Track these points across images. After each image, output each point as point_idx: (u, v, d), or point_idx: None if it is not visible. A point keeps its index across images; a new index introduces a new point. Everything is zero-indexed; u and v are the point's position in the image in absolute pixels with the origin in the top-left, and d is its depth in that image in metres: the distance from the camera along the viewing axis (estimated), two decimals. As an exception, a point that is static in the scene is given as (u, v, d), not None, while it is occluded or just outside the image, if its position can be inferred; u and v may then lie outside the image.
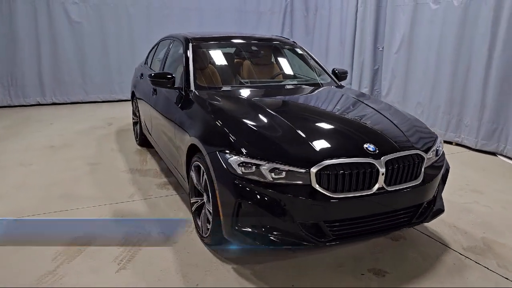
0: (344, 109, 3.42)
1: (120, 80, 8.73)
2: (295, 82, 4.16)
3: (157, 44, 5.25)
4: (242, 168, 2.53)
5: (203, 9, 9.24)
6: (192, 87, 3.59)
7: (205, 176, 2.84)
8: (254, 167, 2.52)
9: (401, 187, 2.66)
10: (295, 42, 4.68)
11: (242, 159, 2.54)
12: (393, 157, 2.64)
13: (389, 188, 2.61)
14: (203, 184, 2.93)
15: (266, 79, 4.15)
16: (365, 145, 2.66)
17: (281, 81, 4.15)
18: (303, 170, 2.48)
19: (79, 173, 4.48)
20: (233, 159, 2.57)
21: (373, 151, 2.62)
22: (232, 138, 2.71)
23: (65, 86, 8.34)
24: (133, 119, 5.78)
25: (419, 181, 2.74)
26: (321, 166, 2.48)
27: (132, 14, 8.62)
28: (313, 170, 2.47)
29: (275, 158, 2.52)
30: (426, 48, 6.21)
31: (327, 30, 8.69)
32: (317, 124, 2.96)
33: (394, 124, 3.04)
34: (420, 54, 6.35)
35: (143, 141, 5.36)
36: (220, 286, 2.57)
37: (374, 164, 2.56)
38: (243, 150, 2.58)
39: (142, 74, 5.15)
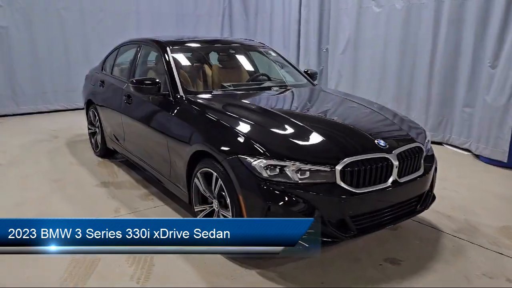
0: (342, 108, 3.53)
1: (54, 89, 8.10)
2: (278, 84, 4.13)
3: (116, 49, 4.97)
4: (268, 171, 2.53)
5: (140, 13, 8.91)
6: (181, 93, 3.48)
7: (219, 182, 2.78)
8: (278, 169, 2.53)
9: (409, 178, 2.84)
10: (264, 45, 4.75)
11: (267, 162, 2.54)
12: (402, 150, 2.81)
13: (401, 180, 2.77)
14: (216, 191, 2.85)
15: (246, 82, 4.13)
16: (376, 141, 2.79)
17: (264, 83, 4.12)
18: (328, 169, 2.54)
19: (46, 191, 4.09)
20: (257, 162, 2.55)
21: (384, 146, 2.76)
22: (252, 141, 2.69)
23: (-8, 98, 7.55)
24: (89, 129, 5.40)
25: (421, 172, 2.95)
26: (345, 164, 2.56)
27: (64, 18, 8.03)
28: (338, 167, 2.54)
29: (300, 159, 2.56)
30: (371, 48, 6.63)
31: (269, 33, 8.87)
32: (325, 123, 3.04)
33: (391, 120, 3.23)
34: (366, 54, 6.76)
35: (105, 152, 5.05)
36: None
37: (388, 158, 2.71)
38: (267, 153, 2.58)
39: (103, 81, 4.84)
